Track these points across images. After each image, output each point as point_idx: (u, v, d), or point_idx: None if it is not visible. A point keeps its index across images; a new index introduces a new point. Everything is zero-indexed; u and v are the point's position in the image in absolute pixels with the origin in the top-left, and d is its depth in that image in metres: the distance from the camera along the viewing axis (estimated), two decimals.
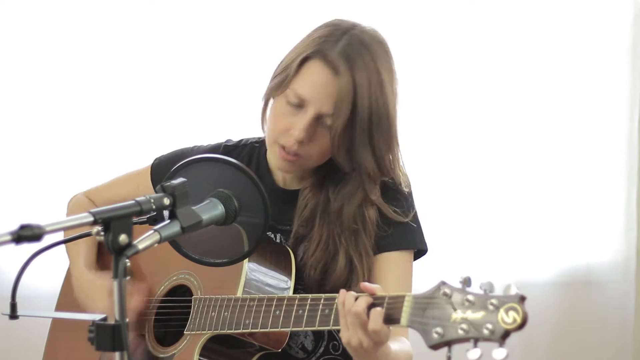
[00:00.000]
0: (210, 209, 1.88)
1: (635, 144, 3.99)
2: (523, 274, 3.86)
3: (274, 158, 2.42)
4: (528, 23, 3.89)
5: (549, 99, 3.93)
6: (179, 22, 3.68)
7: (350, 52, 2.31)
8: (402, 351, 2.21)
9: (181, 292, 2.48)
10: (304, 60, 2.34)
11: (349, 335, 2.03)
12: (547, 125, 3.94)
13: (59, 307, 2.74)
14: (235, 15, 3.69)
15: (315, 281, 2.39)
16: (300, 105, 2.33)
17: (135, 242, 1.69)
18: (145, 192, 1.76)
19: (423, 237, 2.46)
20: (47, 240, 1.73)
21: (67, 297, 2.70)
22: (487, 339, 1.80)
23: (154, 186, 2.55)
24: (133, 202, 1.73)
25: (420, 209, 2.50)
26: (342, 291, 2.05)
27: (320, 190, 2.43)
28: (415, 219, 2.46)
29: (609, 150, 3.99)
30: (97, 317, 1.71)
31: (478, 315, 1.82)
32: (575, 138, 3.96)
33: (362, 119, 2.31)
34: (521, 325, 1.79)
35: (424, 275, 2.46)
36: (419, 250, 2.46)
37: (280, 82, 2.37)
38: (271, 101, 2.42)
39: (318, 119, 2.33)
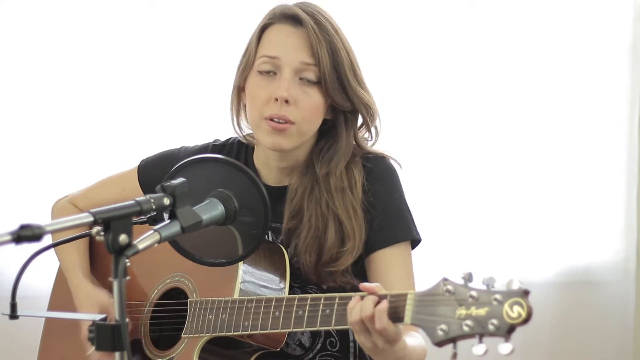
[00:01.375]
0: (210, 209, 1.88)
1: (635, 144, 3.99)
2: (523, 273, 3.86)
3: (265, 139, 2.39)
4: (528, 23, 3.89)
5: (549, 99, 3.93)
6: (176, 24, 3.68)
7: (301, 6, 2.40)
8: (418, 345, 2.21)
9: (175, 295, 2.47)
10: (262, 31, 2.40)
11: (362, 340, 2.03)
12: (547, 125, 3.93)
13: (52, 309, 2.73)
14: (232, 17, 3.69)
15: (311, 264, 2.39)
16: (273, 69, 2.36)
17: (135, 242, 1.69)
18: (132, 195, 1.76)
19: (416, 226, 2.46)
20: (47, 240, 1.73)
21: (61, 299, 2.69)
22: (492, 335, 1.80)
23: (142, 188, 2.56)
24: (133, 202, 1.72)
25: (419, 208, 2.50)
26: (355, 299, 2.04)
27: (306, 175, 2.43)
28: (407, 207, 2.46)
29: (609, 150, 3.99)
30: (97, 317, 1.71)
31: (482, 311, 1.82)
32: (575, 138, 3.96)
33: (344, 57, 2.38)
34: (526, 320, 1.79)
35: (423, 276, 2.45)
36: (413, 240, 2.46)
37: (245, 63, 2.42)
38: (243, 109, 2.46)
39: (297, 74, 2.35)
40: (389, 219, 2.42)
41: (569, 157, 3.96)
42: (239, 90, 2.46)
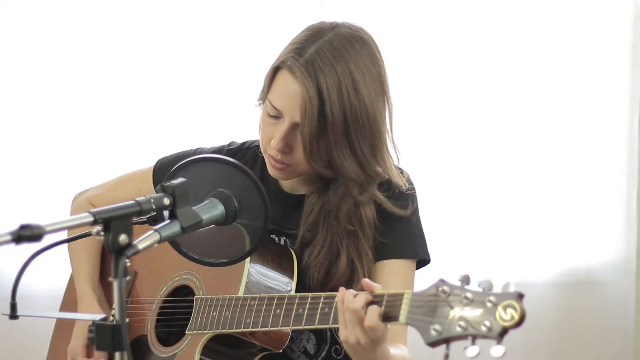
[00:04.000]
0: (210, 209, 1.88)
1: (635, 144, 3.99)
2: (523, 274, 3.86)
3: (268, 167, 2.41)
4: (528, 23, 3.89)
5: (549, 99, 3.93)
6: (181, 23, 3.68)
7: (316, 58, 2.28)
8: (400, 356, 2.21)
9: (184, 293, 2.48)
10: (276, 70, 2.33)
11: (347, 333, 2.02)
12: (547, 126, 3.94)
13: (64, 306, 2.74)
14: (237, 16, 3.69)
15: (318, 282, 2.38)
16: (277, 115, 2.32)
17: (135, 242, 1.69)
18: (149, 194, 1.75)
19: (426, 246, 2.45)
20: (47, 240, 1.73)
21: (74, 298, 2.69)
22: (485, 336, 1.80)
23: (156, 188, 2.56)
24: (133, 202, 1.73)
25: (419, 208, 2.49)
26: (342, 289, 2.05)
27: (324, 193, 2.41)
28: (419, 226, 2.45)
29: (609, 150, 3.99)
30: (97, 317, 1.71)
31: (476, 312, 1.82)
32: (576, 138, 3.96)
33: (335, 125, 2.26)
34: (519, 323, 1.79)
35: (424, 276, 2.45)
36: (422, 260, 2.45)
37: (263, 91, 2.38)
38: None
39: (293, 128, 2.31)
40: (399, 234, 2.40)
41: (569, 157, 3.96)
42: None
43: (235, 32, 3.69)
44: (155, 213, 1.77)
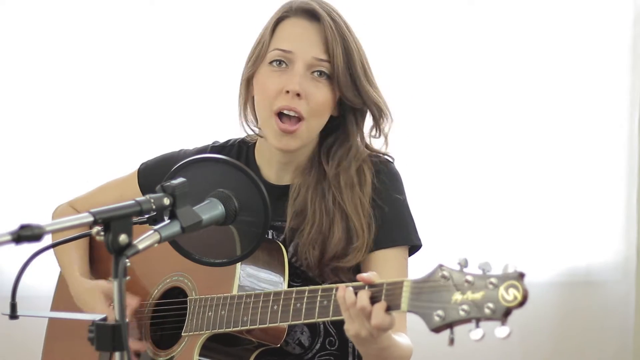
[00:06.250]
0: (210, 209, 1.88)
1: (635, 144, 3.99)
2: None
3: (273, 138, 2.38)
4: (528, 23, 3.89)
5: (549, 99, 3.93)
6: (176, 26, 3.68)
7: (318, 2, 2.40)
8: (404, 343, 2.22)
9: (175, 295, 2.47)
10: (277, 23, 2.39)
11: (357, 328, 2.03)
12: (547, 126, 3.94)
13: (54, 308, 2.73)
14: (232, 18, 3.69)
15: (315, 259, 2.38)
16: (285, 61, 2.35)
17: (135, 242, 1.69)
18: (130, 199, 1.74)
19: (417, 232, 2.46)
20: (47, 240, 1.73)
21: (63, 302, 2.68)
22: (488, 318, 1.81)
23: (142, 191, 2.56)
24: (133, 202, 1.73)
25: (420, 209, 2.50)
26: (341, 287, 2.05)
27: (310, 172, 2.43)
28: (409, 212, 2.46)
29: (609, 150, 3.99)
30: (97, 317, 1.71)
31: (478, 295, 1.82)
32: (576, 138, 3.96)
33: (356, 56, 2.38)
34: (522, 303, 1.81)
35: (422, 269, 2.45)
36: (413, 246, 2.46)
37: (257, 54, 2.40)
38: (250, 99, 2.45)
39: (309, 69, 2.35)
40: (389, 222, 2.42)
41: (569, 157, 3.96)
42: (248, 81, 2.45)
43: (230, 34, 3.68)
44: (155, 213, 1.77)
